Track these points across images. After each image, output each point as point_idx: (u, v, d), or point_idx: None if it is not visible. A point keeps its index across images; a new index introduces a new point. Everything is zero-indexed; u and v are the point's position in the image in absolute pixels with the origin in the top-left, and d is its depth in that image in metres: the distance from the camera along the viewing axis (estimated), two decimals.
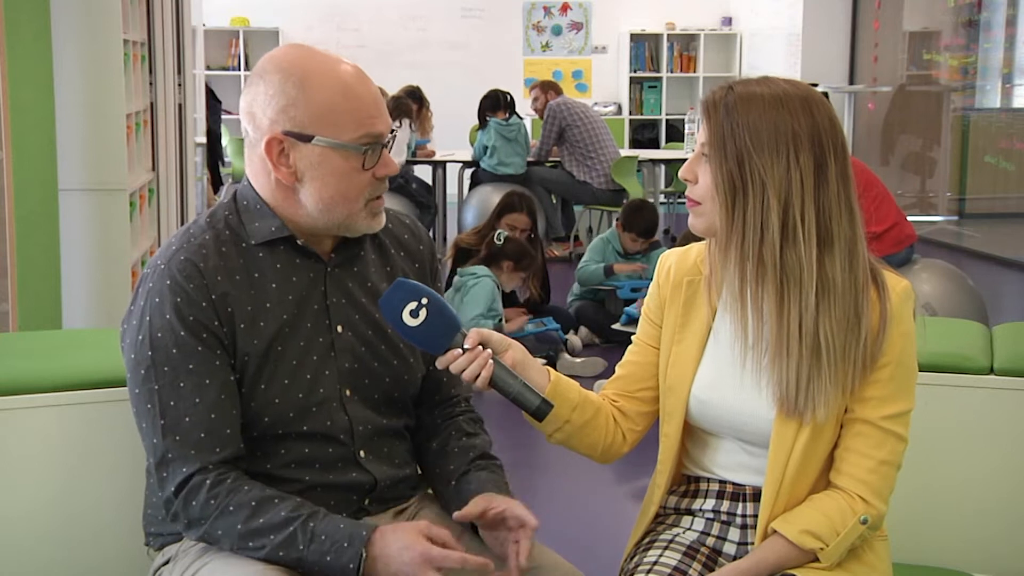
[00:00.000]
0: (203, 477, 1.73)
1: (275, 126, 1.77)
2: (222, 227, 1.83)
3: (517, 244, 5.60)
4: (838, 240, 1.76)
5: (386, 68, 11.23)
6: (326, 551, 1.66)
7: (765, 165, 1.73)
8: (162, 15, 5.49)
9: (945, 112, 10.53)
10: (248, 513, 1.70)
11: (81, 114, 4.46)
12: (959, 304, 5.36)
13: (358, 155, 1.77)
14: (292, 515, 1.69)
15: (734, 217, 1.76)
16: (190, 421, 1.73)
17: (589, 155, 8.59)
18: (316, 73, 1.77)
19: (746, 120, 1.74)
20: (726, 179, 1.75)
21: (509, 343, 1.81)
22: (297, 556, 1.68)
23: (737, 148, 1.74)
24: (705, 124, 1.79)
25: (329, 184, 1.78)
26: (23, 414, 2.07)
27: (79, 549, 2.11)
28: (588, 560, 2.15)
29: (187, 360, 1.74)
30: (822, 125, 1.76)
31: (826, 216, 1.75)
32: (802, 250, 1.74)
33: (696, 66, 12.34)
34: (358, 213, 1.81)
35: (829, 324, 1.75)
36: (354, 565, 1.65)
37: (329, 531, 1.68)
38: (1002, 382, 2.29)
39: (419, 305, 1.72)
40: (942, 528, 2.32)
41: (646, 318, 1.97)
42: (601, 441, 1.92)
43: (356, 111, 1.76)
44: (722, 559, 1.88)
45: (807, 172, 1.74)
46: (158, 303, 1.76)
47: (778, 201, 1.73)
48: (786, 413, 1.79)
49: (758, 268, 1.76)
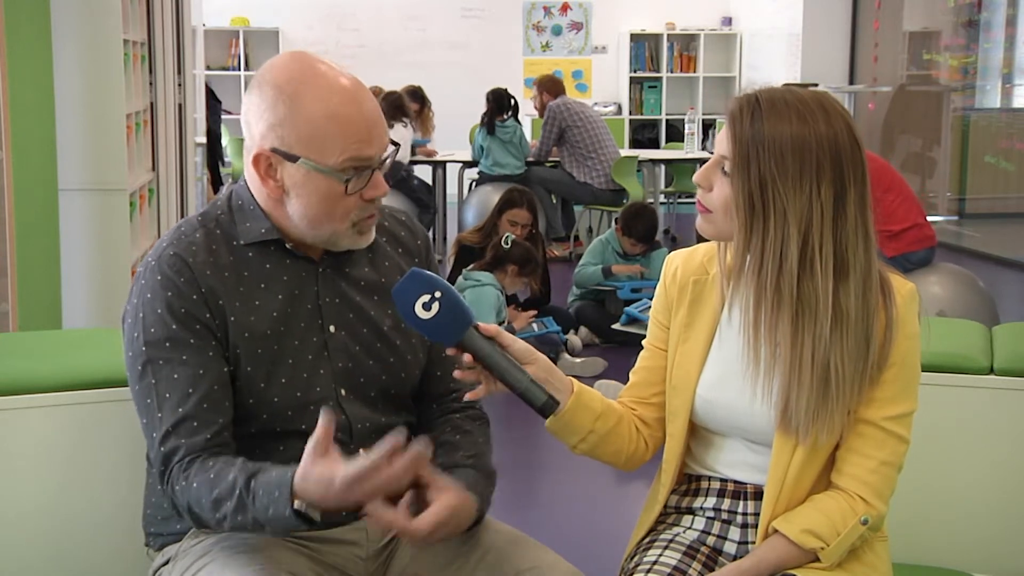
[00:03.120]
0: (183, 462, 1.73)
1: (264, 141, 1.77)
2: (213, 226, 1.84)
3: (523, 249, 5.61)
4: (854, 271, 1.75)
5: (386, 68, 11.24)
6: (267, 504, 1.64)
7: (788, 194, 1.71)
8: (162, 15, 5.49)
9: (945, 112, 10.52)
10: (208, 486, 1.69)
11: (81, 114, 4.46)
12: (970, 306, 5.34)
13: (340, 182, 1.76)
14: (237, 477, 1.68)
15: (752, 240, 1.74)
16: (183, 412, 1.74)
17: (589, 156, 8.58)
18: (307, 93, 1.75)
19: (772, 144, 1.71)
20: (746, 200, 1.73)
21: (535, 356, 1.78)
22: (253, 517, 1.66)
23: (760, 173, 1.71)
24: (729, 136, 1.75)
25: (312, 204, 1.78)
26: (23, 414, 2.07)
27: (79, 549, 2.11)
28: (588, 560, 2.15)
29: (180, 352, 1.75)
30: (844, 150, 1.73)
31: (843, 247, 1.74)
32: (819, 282, 1.73)
33: (696, 66, 12.34)
34: (344, 232, 1.81)
35: (840, 355, 1.74)
36: (289, 511, 1.62)
37: (264, 484, 1.66)
38: (1002, 382, 2.29)
39: (432, 298, 1.70)
40: (942, 528, 2.32)
41: (655, 321, 1.96)
42: (625, 449, 1.91)
43: (343, 135, 1.75)
44: (722, 559, 1.88)
45: (827, 204, 1.72)
46: (150, 299, 1.77)
47: (798, 231, 1.72)
48: (787, 434, 1.79)
49: (775, 297, 1.75)
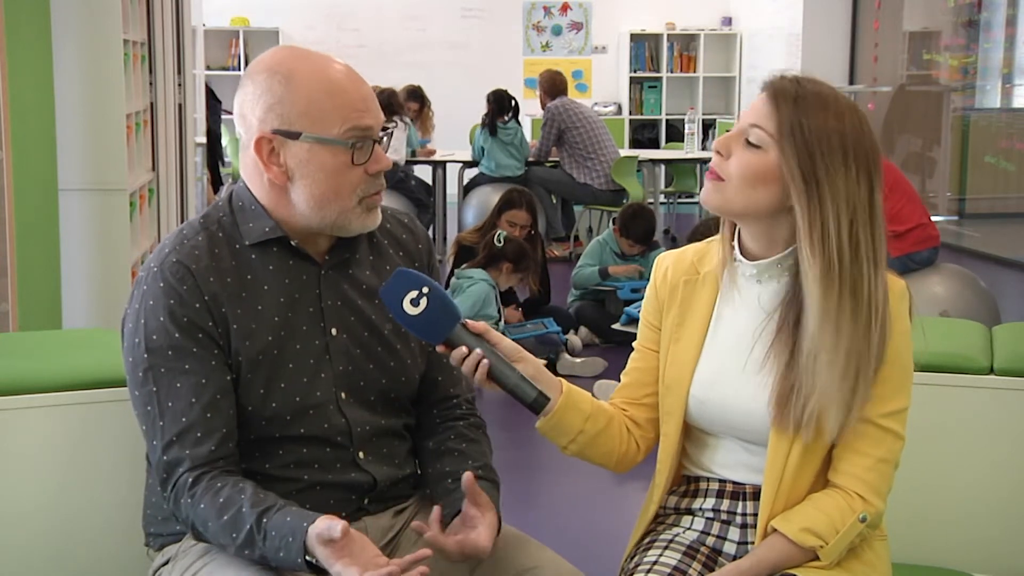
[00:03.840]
0: (189, 476, 1.72)
1: (263, 125, 1.78)
2: (215, 228, 1.83)
3: (516, 245, 5.60)
4: (882, 264, 1.75)
5: (386, 68, 11.24)
6: (278, 547, 1.64)
7: (837, 172, 1.71)
8: (162, 15, 5.49)
9: (945, 112, 10.52)
10: (216, 513, 1.69)
11: (81, 114, 4.46)
12: (972, 306, 5.34)
13: (346, 150, 1.76)
14: (249, 512, 1.67)
15: (811, 210, 1.71)
16: (186, 422, 1.73)
17: (589, 156, 8.59)
18: (302, 70, 1.77)
19: (817, 123, 1.71)
20: (799, 168, 1.71)
21: (522, 355, 1.79)
22: (261, 553, 1.67)
23: (808, 143, 1.71)
24: (773, 110, 1.74)
25: (319, 181, 1.78)
26: (23, 414, 2.07)
27: (79, 549, 2.11)
28: (588, 560, 2.15)
29: (183, 361, 1.74)
30: (874, 149, 1.75)
31: (880, 236, 1.74)
32: (863, 268, 1.73)
33: (696, 66, 12.34)
34: (351, 211, 1.80)
35: (867, 348, 1.74)
36: (301, 559, 1.63)
37: (277, 526, 1.65)
38: (1002, 382, 2.29)
39: (420, 294, 1.72)
40: (942, 528, 2.32)
41: (645, 322, 1.96)
42: (616, 450, 1.91)
43: (342, 106, 1.76)
44: (722, 559, 1.88)
45: (864, 192, 1.73)
46: (152, 305, 1.76)
47: (848, 211, 1.72)
48: (784, 429, 1.78)
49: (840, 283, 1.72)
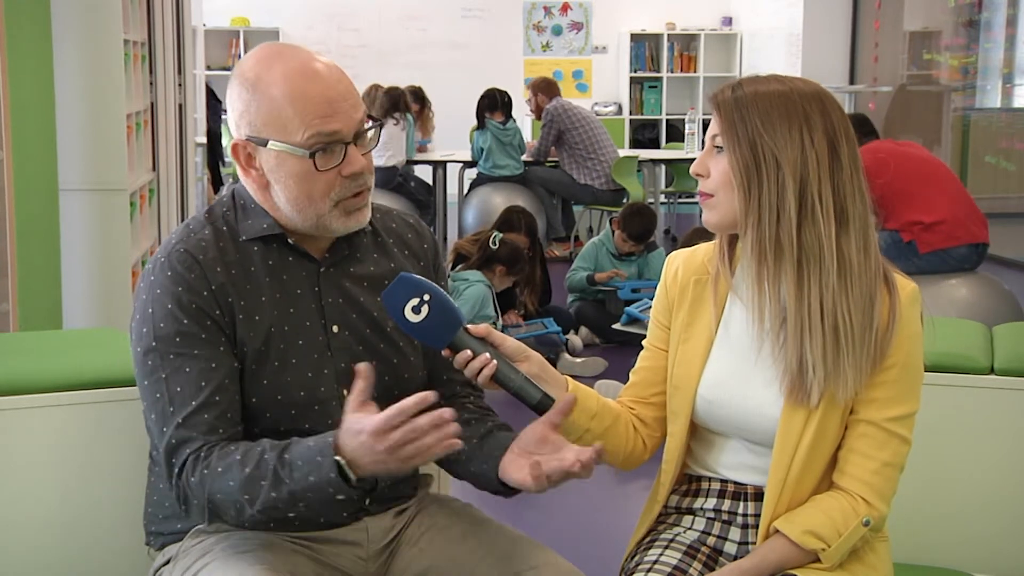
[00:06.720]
0: (200, 451, 1.73)
1: (239, 131, 1.80)
2: (220, 223, 1.85)
3: (510, 248, 5.62)
4: (853, 221, 1.76)
5: (386, 68, 11.25)
6: (308, 472, 1.65)
7: (779, 144, 1.73)
8: (162, 15, 5.49)
9: (945, 112, 10.52)
10: (239, 466, 1.70)
11: (81, 114, 4.46)
12: (994, 309, 5.26)
13: (307, 157, 1.76)
14: (270, 455, 1.69)
15: (750, 199, 1.75)
16: (196, 404, 1.74)
17: (588, 157, 8.59)
18: (266, 77, 1.76)
19: (755, 104, 1.75)
20: (740, 163, 1.75)
21: (527, 354, 1.79)
22: (289, 491, 1.67)
23: (749, 131, 1.74)
24: (716, 116, 1.79)
25: (290, 187, 1.79)
26: (23, 414, 2.07)
27: (79, 549, 2.11)
28: (588, 560, 2.15)
29: (191, 347, 1.75)
30: (833, 113, 1.77)
31: (841, 195, 1.76)
32: (821, 228, 1.74)
33: (696, 66, 12.34)
34: (328, 214, 1.80)
35: (846, 304, 1.75)
36: (334, 474, 1.64)
37: (302, 454, 1.67)
38: (1002, 382, 2.29)
39: (421, 301, 1.71)
40: (942, 528, 2.32)
41: (655, 321, 1.97)
42: (622, 448, 1.91)
43: (304, 112, 1.75)
44: (723, 559, 1.88)
45: (822, 152, 1.74)
46: (159, 294, 1.77)
47: (794, 180, 1.73)
48: (797, 399, 1.77)
49: (775, 249, 1.75)
